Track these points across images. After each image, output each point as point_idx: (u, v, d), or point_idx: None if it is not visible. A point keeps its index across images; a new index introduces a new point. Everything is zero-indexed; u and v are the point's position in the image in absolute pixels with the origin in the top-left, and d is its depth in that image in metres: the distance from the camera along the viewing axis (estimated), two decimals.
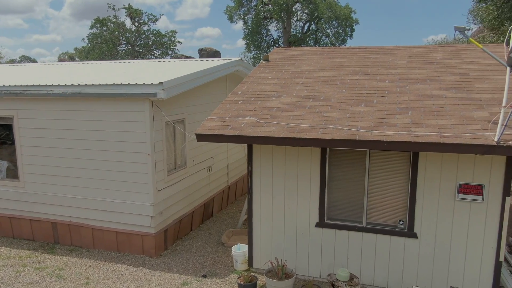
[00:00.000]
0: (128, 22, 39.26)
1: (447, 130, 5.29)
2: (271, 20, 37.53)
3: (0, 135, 8.59)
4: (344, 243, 6.42)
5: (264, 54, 9.21)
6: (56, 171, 7.98)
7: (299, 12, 37.76)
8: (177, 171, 8.17)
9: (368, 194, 6.22)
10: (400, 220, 6.14)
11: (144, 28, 39.15)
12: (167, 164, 7.83)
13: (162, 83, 6.88)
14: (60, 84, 7.60)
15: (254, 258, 6.99)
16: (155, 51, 40.00)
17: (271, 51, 9.77)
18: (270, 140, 5.80)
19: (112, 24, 38.35)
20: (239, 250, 7.04)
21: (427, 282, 6.07)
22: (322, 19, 36.18)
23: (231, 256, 7.50)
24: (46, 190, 8.16)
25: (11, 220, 8.61)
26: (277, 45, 37.97)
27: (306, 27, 38.28)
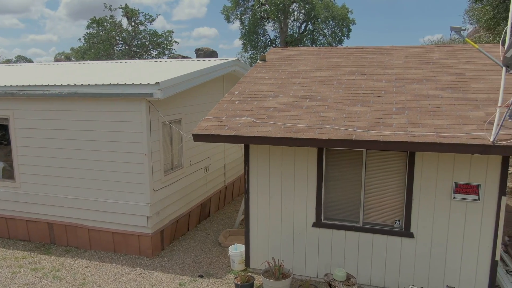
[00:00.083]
0: (124, 22, 39.15)
1: (443, 130, 5.31)
2: (268, 20, 37.51)
3: None
4: (341, 243, 6.43)
5: (261, 54, 9.21)
6: (53, 172, 7.96)
7: (295, 12, 37.77)
8: (174, 171, 8.16)
9: (365, 194, 6.24)
10: (396, 220, 6.16)
11: (141, 28, 39.04)
12: (164, 164, 7.82)
13: (159, 83, 6.87)
14: (56, 84, 7.58)
15: (251, 258, 6.99)
16: (151, 51, 39.89)
17: (267, 51, 9.78)
18: (267, 140, 5.80)
19: (108, 24, 38.22)
20: (236, 250, 7.04)
21: (424, 282, 6.09)
22: (319, 19, 36.19)
23: (228, 256, 7.49)
24: (42, 191, 8.13)
25: (7, 220, 8.57)
26: (274, 45, 37.96)
27: (303, 27, 38.30)
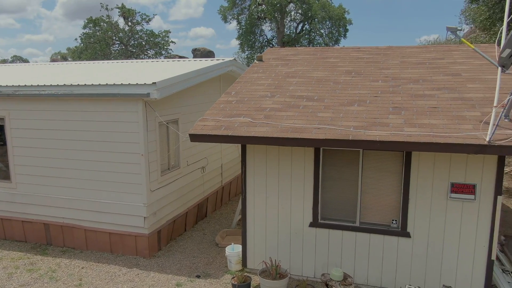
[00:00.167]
0: (121, 22, 39.06)
1: (440, 130, 5.32)
2: (265, 20, 37.51)
3: None
4: (338, 243, 6.43)
5: (258, 54, 9.21)
6: (49, 172, 7.93)
7: (292, 12, 37.78)
8: (170, 171, 8.14)
9: (362, 194, 6.25)
10: (393, 220, 6.17)
11: (138, 28, 38.95)
12: (161, 164, 7.80)
13: (155, 83, 6.86)
14: (52, 84, 7.55)
15: (248, 258, 6.99)
16: (148, 51, 39.81)
17: (264, 51, 9.78)
18: (264, 140, 5.80)
19: (105, 24, 38.11)
20: (233, 251, 7.04)
21: (420, 281, 6.11)
22: (316, 19, 36.23)
23: (225, 257, 7.49)
24: (38, 191, 8.10)
25: (3, 221, 8.53)
26: (271, 45, 37.96)
27: (300, 27, 38.32)
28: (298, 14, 37.73)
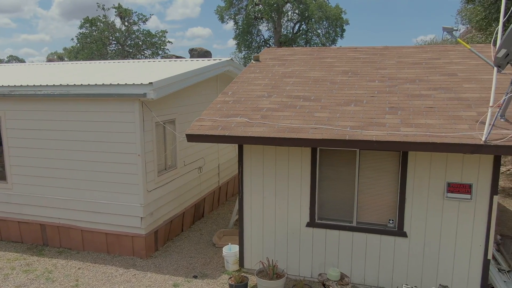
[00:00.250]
0: (118, 22, 38.93)
1: (436, 130, 5.34)
2: (262, 20, 37.50)
3: None
4: (335, 243, 6.44)
5: (255, 54, 9.21)
6: (45, 172, 7.90)
7: (289, 12, 37.78)
8: (167, 171, 8.13)
9: (358, 194, 6.26)
10: (390, 219, 6.19)
11: (134, 28, 38.86)
12: (158, 164, 7.79)
13: (152, 83, 6.85)
14: (48, 84, 7.52)
15: (245, 259, 6.98)
16: (145, 51, 39.72)
17: (261, 51, 9.78)
18: (261, 140, 5.80)
19: (101, 24, 38.00)
20: (230, 251, 7.03)
21: (417, 281, 6.12)
22: (313, 19, 36.24)
23: (222, 257, 7.48)
24: (34, 192, 8.06)
25: None
26: (267, 45, 37.95)
27: (297, 27, 38.33)
28: (295, 14, 37.75)
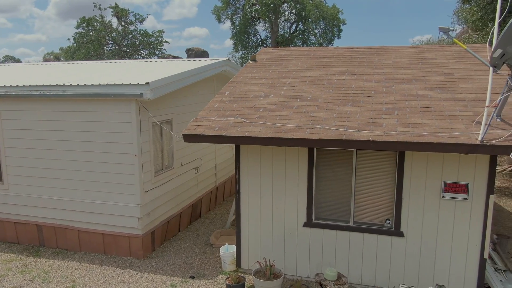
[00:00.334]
0: (114, 22, 38.89)
1: (432, 130, 5.35)
2: (259, 20, 37.52)
3: None
4: (332, 243, 6.45)
5: (252, 54, 9.21)
6: (41, 173, 7.87)
7: (286, 12, 37.82)
8: (164, 172, 8.12)
9: (355, 194, 6.26)
10: (387, 219, 6.20)
11: (131, 28, 38.80)
12: (154, 165, 7.77)
13: (149, 83, 6.83)
14: (44, 85, 7.49)
15: (242, 259, 6.98)
16: (142, 51, 39.67)
17: (258, 51, 9.78)
18: (258, 141, 5.80)
19: (98, 24, 37.92)
20: (227, 251, 7.03)
21: (414, 281, 6.13)
22: (310, 20, 36.30)
23: (219, 257, 7.47)
24: (31, 192, 8.03)
25: None
26: (264, 45, 37.96)
27: (294, 27, 38.37)
28: (292, 14, 37.79)
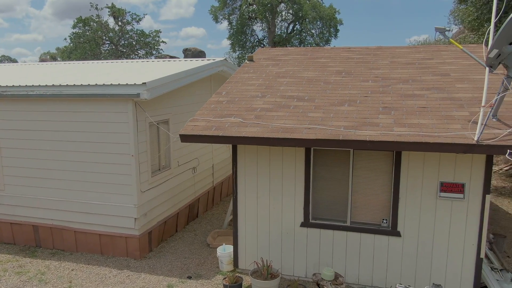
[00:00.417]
0: (111, 22, 38.77)
1: (429, 130, 5.37)
2: (256, 20, 37.50)
3: None
4: (329, 243, 6.45)
5: (249, 54, 9.20)
6: (38, 173, 7.84)
7: (283, 13, 37.82)
8: (161, 172, 8.10)
9: (352, 193, 6.27)
10: (383, 219, 6.21)
11: (128, 27, 38.70)
12: (151, 165, 7.76)
13: (146, 83, 6.82)
14: (41, 85, 7.47)
15: (239, 259, 6.98)
16: (139, 51, 39.56)
17: (255, 51, 9.77)
18: (255, 141, 5.80)
19: (95, 24, 37.80)
20: (225, 251, 7.02)
21: (411, 280, 6.15)
22: (307, 20, 36.30)
23: (216, 257, 7.47)
24: (27, 193, 8.00)
25: None
26: (262, 45, 37.95)
27: (291, 27, 38.37)
28: (289, 14, 37.80)
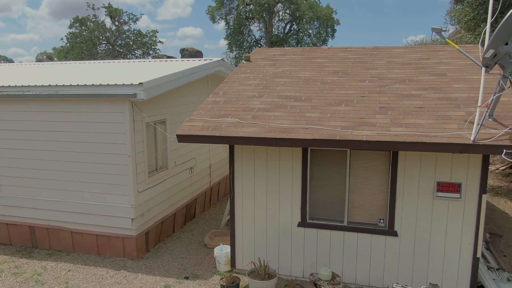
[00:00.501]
0: (108, 22, 38.70)
1: (426, 130, 5.38)
2: (253, 20, 37.52)
3: None
4: (326, 243, 6.46)
5: (246, 54, 9.20)
6: (34, 174, 7.81)
7: (280, 13, 37.85)
8: (158, 172, 8.09)
9: (349, 193, 6.28)
10: (380, 219, 6.22)
11: (125, 27, 38.63)
12: (148, 165, 7.74)
13: (142, 83, 6.81)
14: (37, 85, 7.44)
15: (236, 259, 6.97)
16: (136, 51, 39.49)
17: (252, 51, 9.77)
18: (252, 141, 5.80)
19: (91, 24, 37.71)
20: (222, 251, 7.02)
21: (408, 280, 6.16)
22: (304, 20, 36.35)
23: (213, 257, 7.46)
24: (23, 193, 7.97)
25: None
26: (259, 45, 37.95)
27: (288, 27, 38.40)
28: (286, 14, 37.83)
